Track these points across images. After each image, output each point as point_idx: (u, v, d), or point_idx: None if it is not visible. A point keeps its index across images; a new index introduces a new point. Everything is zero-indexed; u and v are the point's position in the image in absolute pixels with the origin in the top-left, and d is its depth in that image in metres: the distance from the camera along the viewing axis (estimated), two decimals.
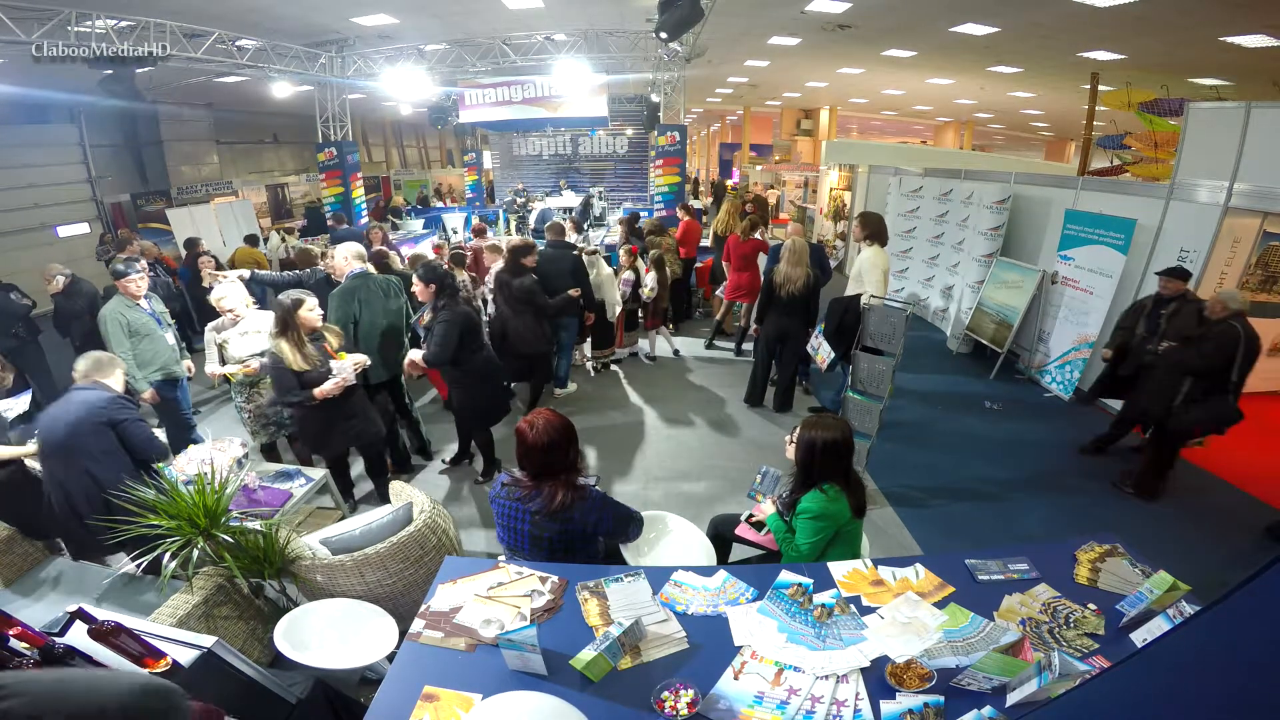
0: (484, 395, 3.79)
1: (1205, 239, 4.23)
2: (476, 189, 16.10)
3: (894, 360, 3.79)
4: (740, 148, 19.88)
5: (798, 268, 4.45)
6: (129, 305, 3.87)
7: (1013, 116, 16.93)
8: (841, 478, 2.16)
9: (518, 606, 1.85)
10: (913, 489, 3.91)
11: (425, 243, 9.06)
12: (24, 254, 9.16)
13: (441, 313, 3.53)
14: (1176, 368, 3.57)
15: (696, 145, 28.95)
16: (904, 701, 1.50)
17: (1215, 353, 3.40)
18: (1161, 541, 3.19)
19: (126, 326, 3.81)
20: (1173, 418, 3.60)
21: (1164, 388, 3.64)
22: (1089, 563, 1.98)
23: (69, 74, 7.07)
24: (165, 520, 2.21)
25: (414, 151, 22.68)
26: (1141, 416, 3.93)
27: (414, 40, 9.87)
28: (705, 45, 9.96)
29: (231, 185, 13.43)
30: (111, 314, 3.80)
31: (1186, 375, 3.53)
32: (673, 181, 11.12)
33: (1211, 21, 6.63)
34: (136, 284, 3.90)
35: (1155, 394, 3.69)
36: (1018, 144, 22.09)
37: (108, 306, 3.85)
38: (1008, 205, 6.09)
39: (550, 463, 2.06)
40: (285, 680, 1.76)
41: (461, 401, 3.85)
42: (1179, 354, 3.57)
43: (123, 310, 3.83)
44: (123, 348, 3.74)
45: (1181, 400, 3.54)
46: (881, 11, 7.75)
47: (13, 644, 1.32)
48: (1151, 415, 3.76)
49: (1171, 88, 7.61)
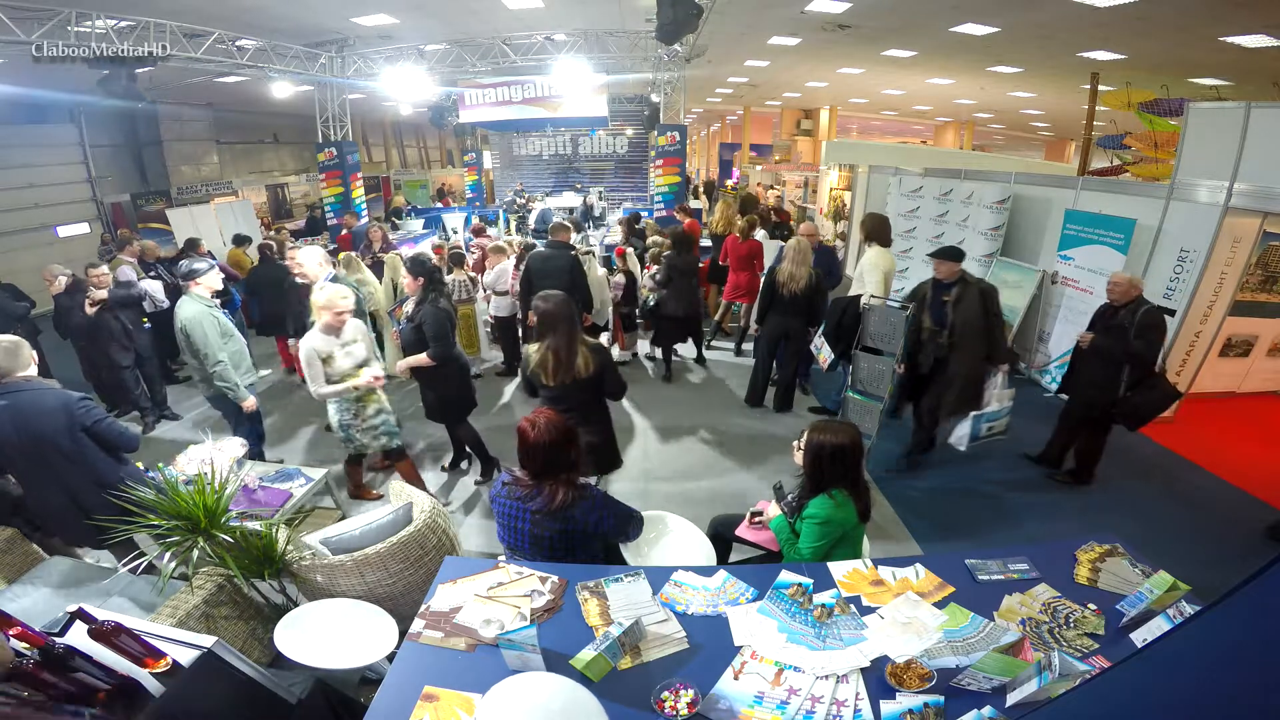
0: (453, 388, 3.74)
1: (1205, 239, 4.23)
2: (477, 189, 16.11)
3: (894, 360, 3.80)
4: (740, 148, 19.88)
5: (801, 267, 4.45)
6: (209, 305, 3.53)
7: (1013, 116, 16.92)
8: (849, 483, 2.15)
9: (518, 606, 1.85)
10: (913, 489, 3.91)
11: (425, 242, 9.07)
12: (24, 254, 9.16)
13: (428, 306, 3.54)
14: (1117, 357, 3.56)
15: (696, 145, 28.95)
16: (904, 701, 1.50)
17: (1159, 338, 3.49)
18: (1161, 541, 3.18)
19: (218, 327, 3.48)
20: (1120, 406, 3.61)
21: (1106, 379, 3.63)
22: (1089, 563, 1.98)
23: (69, 74, 7.08)
24: (165, 520, 2.21)
25: (414, 151, 22.69)
26: (1088, 410, 3.81)
27: (414, 40, 9.87)
28: (705, 45, 9.97)
29: (231, 185, 13.44)
30: (203, 316, 3.42)
31: (1124, 363, 3.54)
32: (673, 182, 11.12)
33: (1211, 21, 6.63)
34: (215, 278, 3.63)
35: (1099, 387, 3.67)
36: (1018, 144, 22.08)
37: (193, 309, 3.43)
38: (1008, 205, 6.09)
39: (551, 462, 2.06)
40: (285, 680, 1.76)
41: (432, 399, 3.78)
42: (1116, 343, 3.56)
43: (211, 310, 3.50)
44: (220, 350, 3.44)
45: (1125, 388, 3.58)
46: (881, 11, 7.75)
47: (13, 644, 1.32)
48: (1099, 407, 3.73)
49: (1171, 88, 7.60)
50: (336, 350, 3.25)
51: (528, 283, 4.91)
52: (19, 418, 2.47)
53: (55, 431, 2.51)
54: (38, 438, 2.49)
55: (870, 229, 4.55)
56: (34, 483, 2.62)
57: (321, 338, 3.23)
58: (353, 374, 3.30)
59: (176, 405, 5.43)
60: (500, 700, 1.46)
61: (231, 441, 3.16)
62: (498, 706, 1.45)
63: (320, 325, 3.25)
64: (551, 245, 5.01)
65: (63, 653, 1.35)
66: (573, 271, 4.79)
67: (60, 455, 2.53)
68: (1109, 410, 3.67)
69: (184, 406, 5.48)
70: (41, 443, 2.50)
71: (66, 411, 2.53)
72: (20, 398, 2.49)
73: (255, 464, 3.31)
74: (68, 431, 2.52)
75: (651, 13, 6.73)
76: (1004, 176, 6.45)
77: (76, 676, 1.37)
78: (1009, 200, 6.09)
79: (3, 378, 2.49)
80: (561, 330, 2.88)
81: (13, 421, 2.46)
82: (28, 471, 2.58)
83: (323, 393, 3.24)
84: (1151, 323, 3.47)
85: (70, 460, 2.54)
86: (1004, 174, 6.54)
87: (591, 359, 2.90)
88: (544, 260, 4.79)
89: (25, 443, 2.48)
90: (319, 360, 3.20)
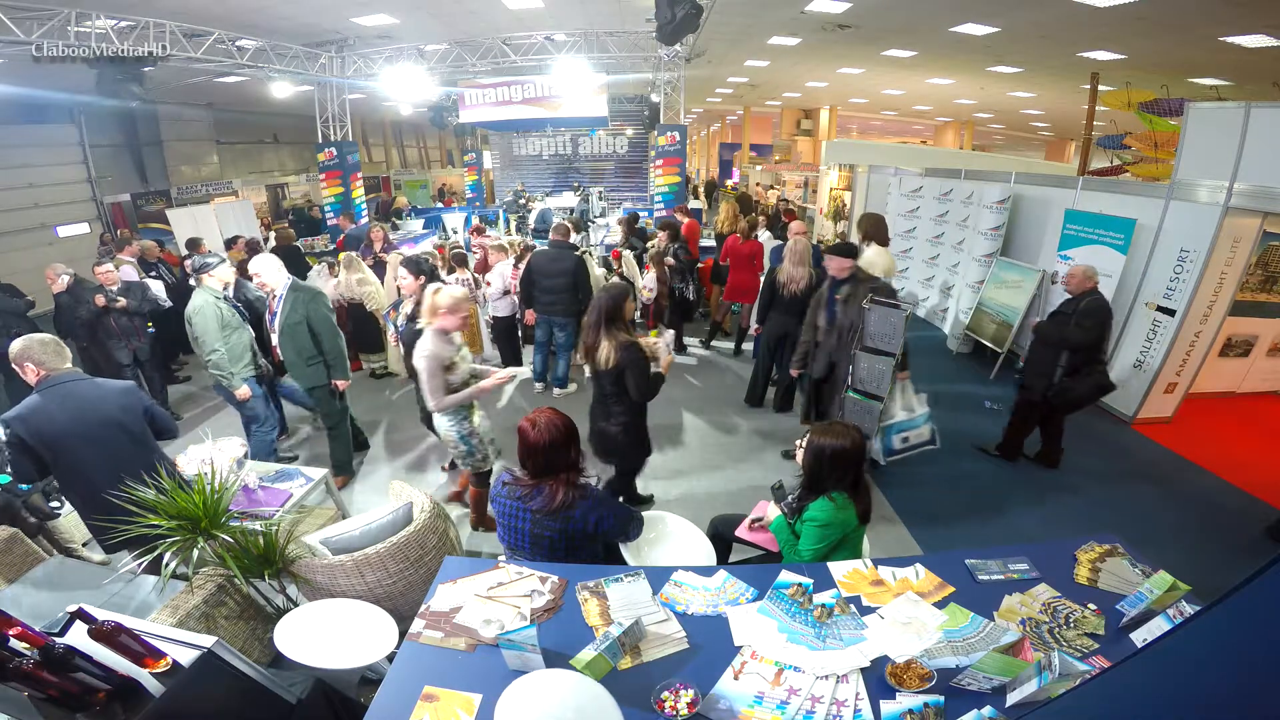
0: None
1: (1205, 239, 4.23)
2: (477, 189, 16.11)
3: (894, 360, 3.79)
4: (740, 148, 19.88)
5: (800, 267, 4.45)
6: (219, 296, 3.76)
7: (1013, 116, 16.92)
8: (850, 485, 2.15)
9: (518, 606, 1.85)
10: (913, 489, 3.91)
11: (425, 242, 9.06)
12: (24, 254, 9.16)
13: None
14: (1059, 343, 3.67)
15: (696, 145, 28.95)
16: (904, 701, 1.50)
17: (1095, 326, 3.56)
18: (1161, 541, 3.19)
19: (220, 319, 3.66)
20: (1056, 392, 3.71)
21: (1043, 363, 3.75)
22: (1089, 563, 1.98)
23: (69, 74, 7.08)
24: (165, 520, 2.21)
25: (414, 151, 22.70)
26: (1030, 395, 3.88)
27: (414, 40, 9.87)
28: (705, 45, 9.97)
29: (231, 185, 13.43)
30: (207, 305, 3.63)
31: (1064, 350, 3.65)
32: (673, 182, 11.11)
33: (1211, 21, 6.62)
34: (226, 271, 3.87)
35: (1036, 371, 3.78)
36: (1018, 144, 22.08)
37: (199, 299, 3.66)
38: (1008, 205, 6.09)
39: (552, 461, 2.06)
40: (285, 680, 1.76)
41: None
42: (1057, 330, 3.68)
43: (217, 302, 3.70)
44: (217, 340, 3.62)
45: (1061, 374, 3.69)
46: (881, 11, 7.75)
47: (13, 644, 1.32)
48: (1035, 390, 3.82)
49: (1171, 88, 7.60)
50: (456, 356, 2.97)
51: (529, 282, 4.93)
52: (79, 406, 2.48)
53: (127, 413, 2.56)
54: (105, 422, 2.51)
55: (868, 228, 4.57)
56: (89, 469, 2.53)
57: (441, 343, 2.92)
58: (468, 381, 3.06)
59: (177, 406, 5.44)
60: (521, 695, 1.48)
61: (231, 441, 3.16)
62: (519, 703, 1.46)
63: (435, 329, 2.94)
64: (555, 245, 5.02)
65: (63, 653, 1.35)
66: (577, 272, 4.80)
67: (129, 437, 2.57)
68: (1046, 395, 3.77)
69: (185, 406, 5.49)
70: (110, 426, 2.52)
71: (132, 394, 2.62)
72: (77, 387, 2.52)
73: (255, 464, 3.31)
74: (137, 413, 2.59)
75: (651, 13, 6.73)
76: (1004, 176, 6.45)
77: (76, 676, 1.37)
78: (1009, 200, 6.08)
79: (49, 372, 2.51)
80: (594, 319, 2.93)
81: (65, 408, 2.46)
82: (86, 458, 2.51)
83: (445, 404, 2.92)
84: (1090, 310, 3.56)
85: (137, 442, 2.59)
86: (1004, 174, 6.54)
87: (615, 355, 2.86)
88: (550, 260, 4.79)
89: (88, 428, 2.48)
90: (441, 370, 2.88)
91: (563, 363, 5.25)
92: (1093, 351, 3.63)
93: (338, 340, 3.85)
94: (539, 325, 5.13)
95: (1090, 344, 3.59)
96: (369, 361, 5.87)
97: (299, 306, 3.70)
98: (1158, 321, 4.58)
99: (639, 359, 2.90)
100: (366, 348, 5.80)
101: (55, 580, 2.55)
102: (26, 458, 2.42)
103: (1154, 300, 4.61)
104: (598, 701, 1.46)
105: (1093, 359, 3.64)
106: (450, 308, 2.94)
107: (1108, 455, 4.34)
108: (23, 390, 2.53)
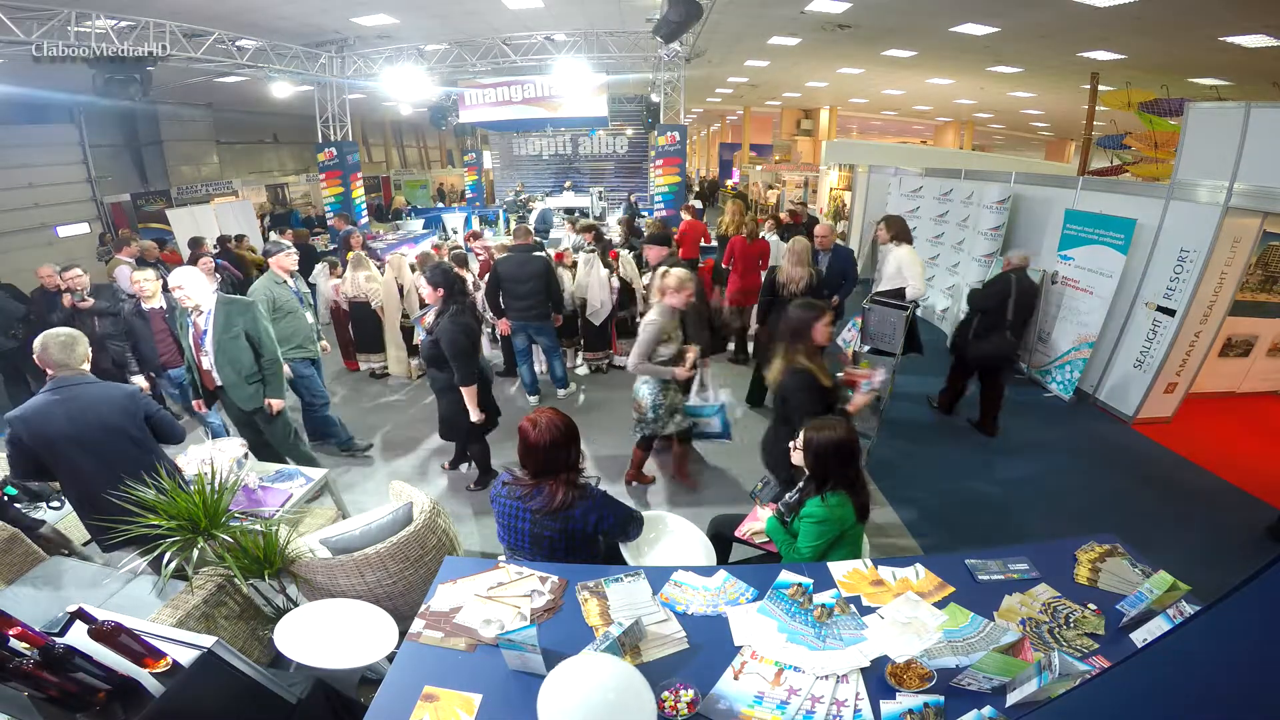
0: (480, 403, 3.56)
1: (1205, 239, 4.22)
2: (477, 189, 16.12)
3: (894, 360, 3.80)
4: (740, 148, 19.90)
5: (799, 267, 4.45)
6: (277, 282, 4.01)
7: (1013, 116, 16.93)
8: (847, 481, 2.15)
9: (518, 606, 1.85)
10: (913, 489, 3.91)
11: (425, 242, 9.07)
12: (24, 254, 9.16)
13: (445, 321, 3.33)
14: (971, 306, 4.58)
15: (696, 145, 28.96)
16: (904, 701, 1.51)
17: (994, 295, 4.37)
18: (1161, 541, 3.19)
19: (271, 302, 3.88)
20: (969, 348, 4.49)
21: (965, 325, 4.55)
22: (1089, 563, 1.98)
23: (69, 74, 7.08)
24: (165, 520, 2.21)
25: (414, 151, 22.70)
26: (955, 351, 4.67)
27: (414, 40, 9.88)
28: (705, 45, 9.97)
29: (231, 185, 13.43)
30: (259, 289, 3.96)
31: (976, 312, 4.47)
32: (673, 182, 11.12)
33: (1211, 21, 6.63)
34: (291, 259, 4.14)
35: (959, 332, 4.58)
36: (1018, 144, 22.09)
37: (258, 284, 4.03)
38: (1008, 205, 6.09)
39: (552, 461, 2.06)
40: (285, 680, 1.76)
41: (451, 411, 3.61)
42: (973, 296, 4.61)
43: (270, 286, 3.97)
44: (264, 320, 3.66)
45: (972, 335, 4.45)
46: (881, 11, 7.75)
47: (13, 644, 1.32)
48: (955, 347, 4.66)
49: (1171, 88, 7.60)
50: (673, 333, 3.33)
51: (497, 290, 4.81)
52: (79, 410, 2.46)
53: (129, 419, 2.55)
54: (104, 427, 2.49)
55: (897, 230, 4.73)
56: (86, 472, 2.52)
57: (667, 317, 3.31)
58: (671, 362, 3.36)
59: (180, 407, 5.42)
60: (565, 677, 1.53)
61: (231, 442, 3.16)
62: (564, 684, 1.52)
63: (664, 304, 3.31)
64: (519, 249, 4.86)
65: (63, 653, 1.35)
66: (547, 275, 4.74)
67: (131, 443, 2.55)
68: (961, 351, 4.56)
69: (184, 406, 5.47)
70: (112, 432, 2.50)
71: (135, 399, 2.61)
72: (82, 390, 2.50)
73: (255, 464, 3.31)
74: (139, 419, 2.58)
75: (651, 13, 6.73)
76: (1004, 176, 6.45)
77: (76, 676, 1.37)
78: (1009, 200, 6.08)
79: (59, 371, 2.50)
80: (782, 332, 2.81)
81: (68, 414, 2.44)
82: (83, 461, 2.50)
83: (642, 369, 3.32)
84: (993, 280, 4.44)
85: (139, 447, 2.57)
86: (1004, 174, 6.53)
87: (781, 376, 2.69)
88: (518, 265, 4.68)
89: (88, 434, 2.46)
90: (657, 340, 3.25)
91: (556, 364, 5.20)
92: (994, 317, 4.33)
93: (278, 352, 3.53)
94: (515, 333, 4.95)
95: (987, 310, 4.34)
96: (368, 361, 5.87)
97: (234, 319, 3.33)
98: (1158, 321, 4.58)
99: (801, 387, 2.63)
100: (366, 347, 5.80)
101: (55, 580, 2.55)
102: (25, 457, 2.42)
103: (1154, 300, 4.61)
104: (633, 684, 1.52)
105: (995, 324, 4.33)
106: (676, 286, 3.31)
107: (1108, 455, 4.34)
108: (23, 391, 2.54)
